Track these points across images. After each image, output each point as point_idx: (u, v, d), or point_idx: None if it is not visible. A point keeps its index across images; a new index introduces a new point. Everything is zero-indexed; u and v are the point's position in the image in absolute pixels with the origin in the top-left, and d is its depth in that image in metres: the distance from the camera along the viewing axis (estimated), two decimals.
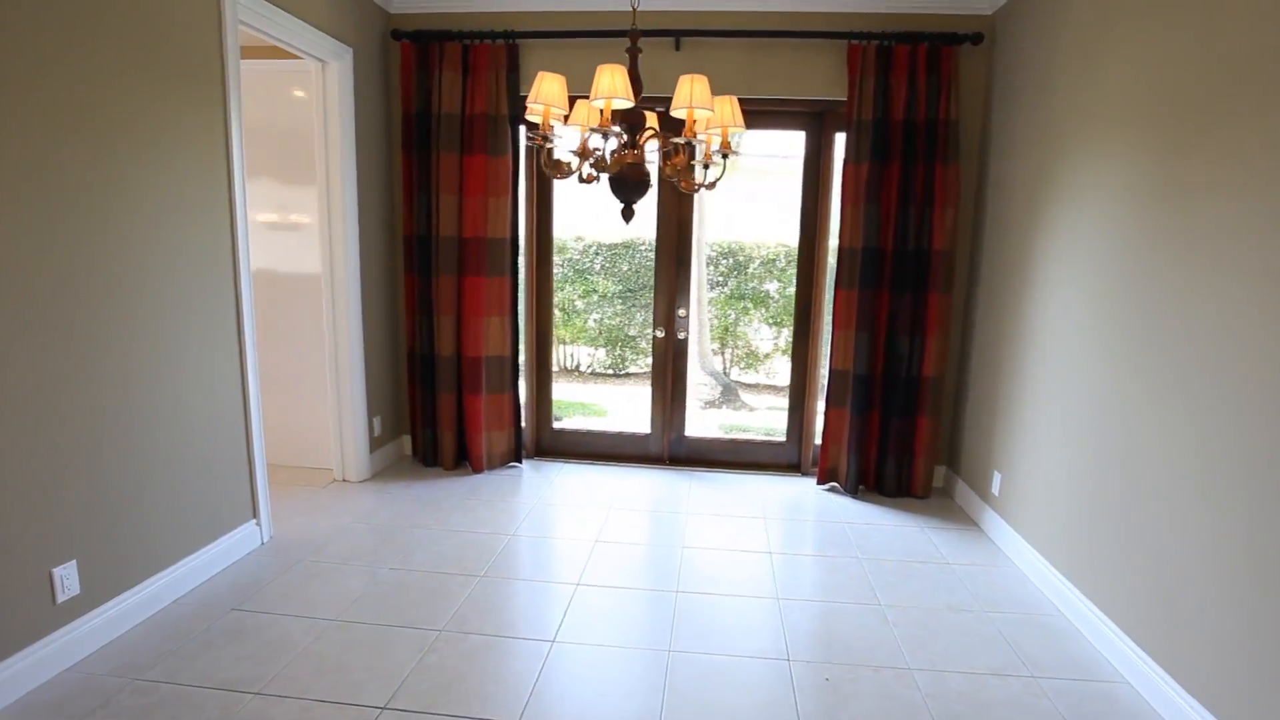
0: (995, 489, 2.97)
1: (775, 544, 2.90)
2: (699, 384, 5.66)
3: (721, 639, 2.21)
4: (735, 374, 5.89)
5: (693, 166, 2.05)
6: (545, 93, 1.67)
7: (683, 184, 2.04)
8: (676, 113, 1.69)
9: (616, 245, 5.65)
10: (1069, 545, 2.41)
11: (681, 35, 3.26)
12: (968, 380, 3.36)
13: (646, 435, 3.88)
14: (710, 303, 5.76)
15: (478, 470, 3.62)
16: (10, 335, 1.76)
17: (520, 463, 3.78)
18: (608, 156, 1.70)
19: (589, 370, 6.06)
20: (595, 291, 5.80)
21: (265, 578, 2.50)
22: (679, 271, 3.68)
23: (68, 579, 1.98)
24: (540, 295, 3.79)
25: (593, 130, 1.64)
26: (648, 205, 3.77)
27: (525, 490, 3.44)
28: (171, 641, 2.11)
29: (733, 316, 5.75)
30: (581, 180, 1.96)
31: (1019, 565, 2.73)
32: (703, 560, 2.75)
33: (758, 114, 3.52)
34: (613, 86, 1.57)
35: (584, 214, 5.45)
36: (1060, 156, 2.55)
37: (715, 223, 5.59)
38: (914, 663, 2.09)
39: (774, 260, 5.46)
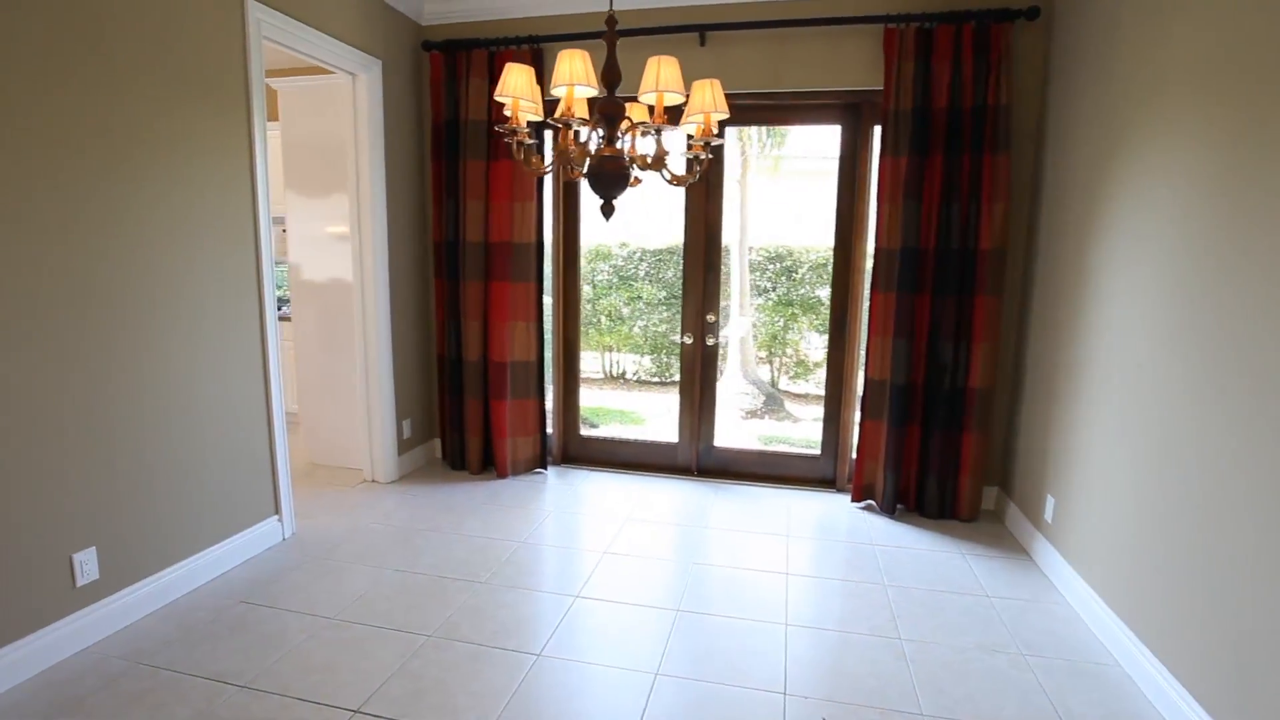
0: (1048, 515, 2.63)
1: (795, 565, 2.70)
2: (740, 393, 5.45)
3: (716, 665, 2.05)
4: (785, 383, 5.65)
5: (689, 161, 1.93)
6: (511, 85, 1.61)
7: (673, 179, 1.93)
8: (645, 98, 1.59)
9: (661, 251, 5.56)
10: (1128, 583, 2.08)
11: (706, 29, 3.14)
12: (1022, 392, 3.02)
13: (674, 445, 3.75)
14: (757, 309, 5.55)
15: (502, 475, 3.62)
16: (34, 336, 1.88)
17: (545, 469, 3.74)
18: (571, 152, 1.62)
19: (634, 377, 5.99)
20: (640, 298, 5.74)
21: (278, 573, 2.57)
22: (707, 276, 3.54)
23: (87, 564, 2.09)
24: (568, 300, 3.75)
25: (551, 120, 1.57)
26: (675, 209, 3.67)
27: (545, 497, 3.39)
28: (180, 630, 2.19)
29: (780, 323, 5.52)
30: (567, 177, 1.90)
31: (1070, 602, 2.40)
32: (713, 578, 2.59)
33: (790, 108, 3.35)
34: (572, 73, 1.49)
35: (629, 220, 5.40)
36: (1127, 143, 2.24)
37: (760, 226, 5.39)
38: (928, 708, 1.86)
39: (824, 265, 5.20)
